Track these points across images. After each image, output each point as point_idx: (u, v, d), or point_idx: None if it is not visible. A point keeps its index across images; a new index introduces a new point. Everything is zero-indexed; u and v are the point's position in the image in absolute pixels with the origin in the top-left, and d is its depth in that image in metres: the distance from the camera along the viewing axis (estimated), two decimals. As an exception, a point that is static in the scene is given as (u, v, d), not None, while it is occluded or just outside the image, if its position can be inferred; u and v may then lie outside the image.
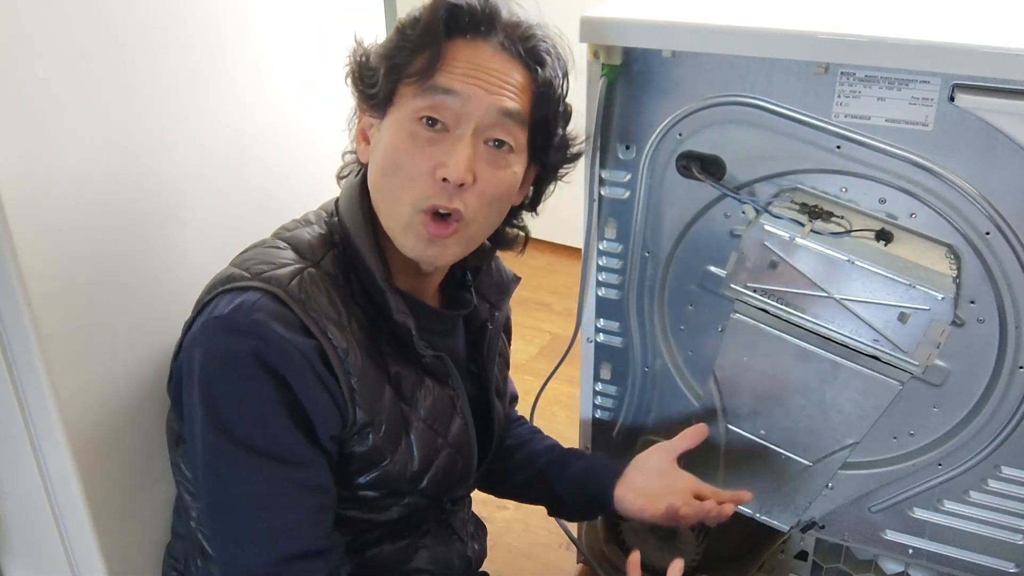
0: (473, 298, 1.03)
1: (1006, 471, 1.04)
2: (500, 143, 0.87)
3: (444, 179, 0.83)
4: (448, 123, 0.85)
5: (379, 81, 0.87)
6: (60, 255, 0.86)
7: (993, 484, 1.05)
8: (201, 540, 0.94)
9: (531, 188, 0.98)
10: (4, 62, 0.77)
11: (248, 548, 0.83)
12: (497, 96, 0.85)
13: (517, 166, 0.89)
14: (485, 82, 0.85)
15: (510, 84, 0.86)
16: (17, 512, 0.97)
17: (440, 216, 0.85)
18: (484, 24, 0.86)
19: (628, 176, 1.07)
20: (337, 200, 0.94)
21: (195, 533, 0.95)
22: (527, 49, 0.87)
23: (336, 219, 0.92)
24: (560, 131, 0.94)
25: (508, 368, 1.14)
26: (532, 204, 1.00)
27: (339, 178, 1.00)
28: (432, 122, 0.84)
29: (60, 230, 0.85)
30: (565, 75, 0.92)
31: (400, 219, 0.86)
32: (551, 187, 0.99)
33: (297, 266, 0.86)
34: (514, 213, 0.98)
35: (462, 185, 0.84)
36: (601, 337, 1.20)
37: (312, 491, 0.85)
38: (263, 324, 0.80)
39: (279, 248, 0.89)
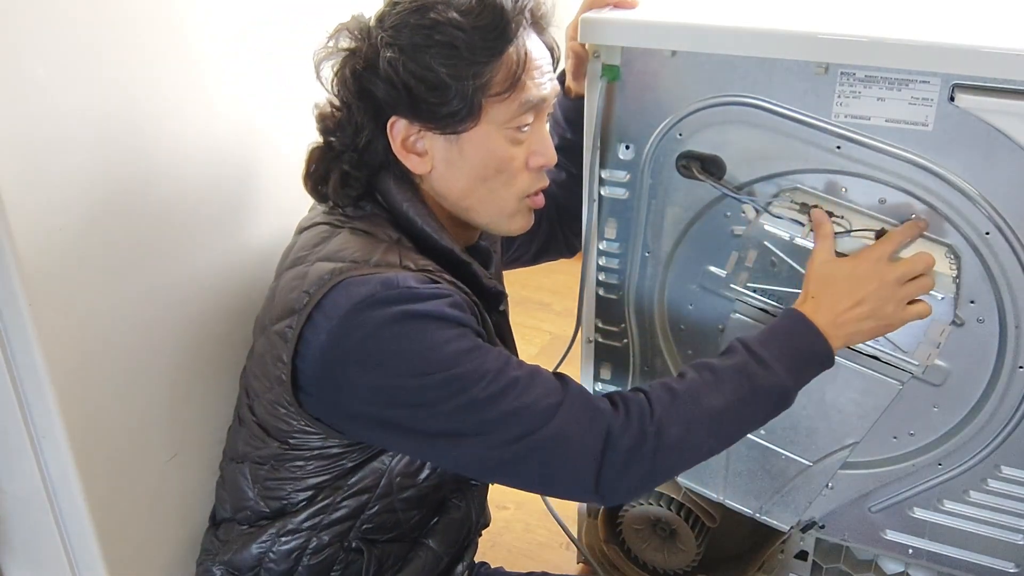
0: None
1: (1006, 471, 1.04)
2: None
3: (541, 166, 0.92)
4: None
5: (453, 99, 0.86)
6: (60, 255, 0.86)
7: (993, 484, 1.05)
8: (268, 505, 0.94)
9: None
10: (4, 62, 0.77)
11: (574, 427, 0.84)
12: (555, 81, 0.93)
13: None
14: (549, 72, 0.91)
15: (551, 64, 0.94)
16: (17, 512, 0.97)
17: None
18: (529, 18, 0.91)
19: (628, 176, 1.07)
20: (376, 200, 0.93)
21: (257, 502, 0.95)
22: (545, 25, 0.94)
23: (383, 214, 0.92)
24: None
25: None
26: None
27: (307, 178, 0.96)
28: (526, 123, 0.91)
29: (60, 230, 0.85)
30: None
31: (506, 211, 0.94)
32: None
33: (390, 244, 0.87)
34: None
35: None
36: (601, 337, 1.20)
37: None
38: (423, 288, 0.82)
39: (359, 236, 0.88)
